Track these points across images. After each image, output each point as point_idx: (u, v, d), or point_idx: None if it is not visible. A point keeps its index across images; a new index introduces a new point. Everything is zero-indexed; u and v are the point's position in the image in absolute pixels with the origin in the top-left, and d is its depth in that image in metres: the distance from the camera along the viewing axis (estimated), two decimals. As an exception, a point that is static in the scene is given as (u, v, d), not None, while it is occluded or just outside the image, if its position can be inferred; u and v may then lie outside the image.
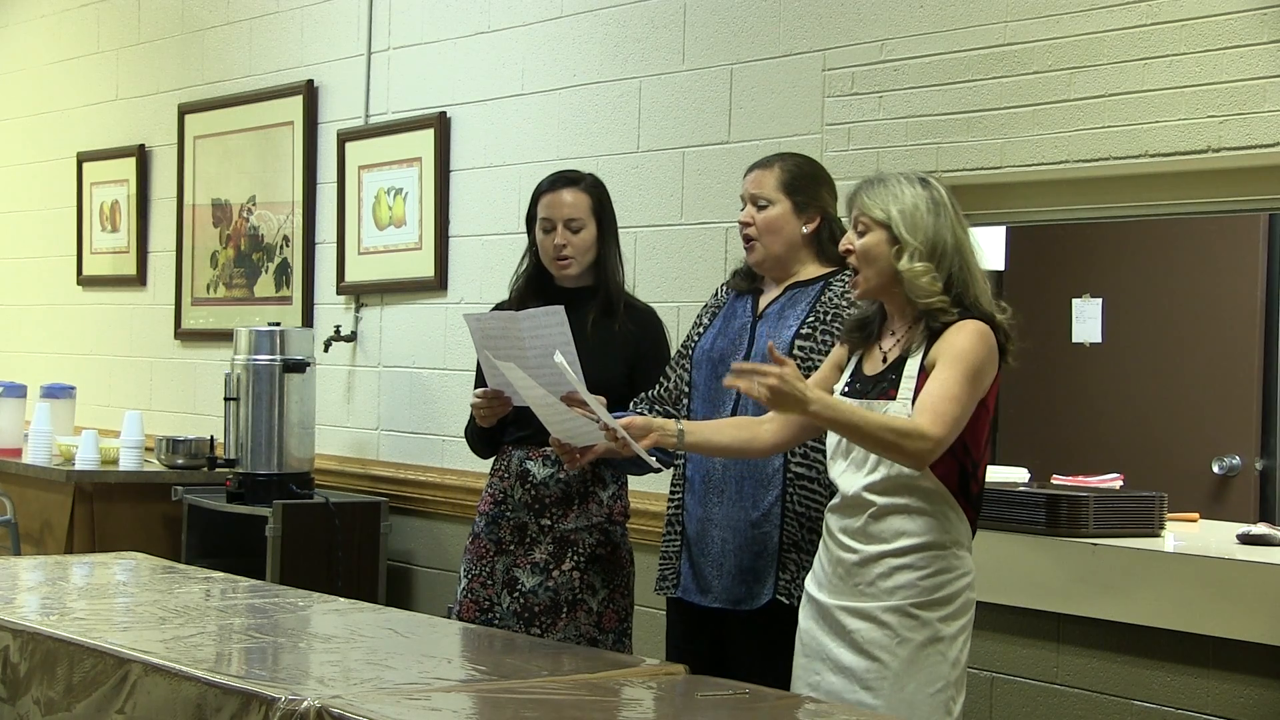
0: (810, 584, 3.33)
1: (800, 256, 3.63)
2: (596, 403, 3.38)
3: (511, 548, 4.06)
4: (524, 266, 4.17)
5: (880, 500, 3.18)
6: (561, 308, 3.72)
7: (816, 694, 3.22)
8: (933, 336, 3.18)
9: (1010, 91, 4.12)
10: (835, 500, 3.28)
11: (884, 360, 3.26)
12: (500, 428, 4.08)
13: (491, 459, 4.19)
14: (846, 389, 3.29)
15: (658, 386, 3.80)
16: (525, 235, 4.16)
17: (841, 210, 3.93)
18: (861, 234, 3.24)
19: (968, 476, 3.19)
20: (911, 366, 3.19)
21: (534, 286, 4.12)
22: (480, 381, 4.06)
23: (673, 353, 3.93)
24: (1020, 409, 5.40)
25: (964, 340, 3.14)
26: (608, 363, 3.90)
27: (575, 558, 4.00)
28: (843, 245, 3.28)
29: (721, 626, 3.60)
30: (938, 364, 3.14)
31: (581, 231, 4.05)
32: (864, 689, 3.17)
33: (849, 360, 3.34)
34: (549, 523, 4.02)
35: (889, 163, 4.31)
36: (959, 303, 3.18)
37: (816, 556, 3.34)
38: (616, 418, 3.43)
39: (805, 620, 3.31)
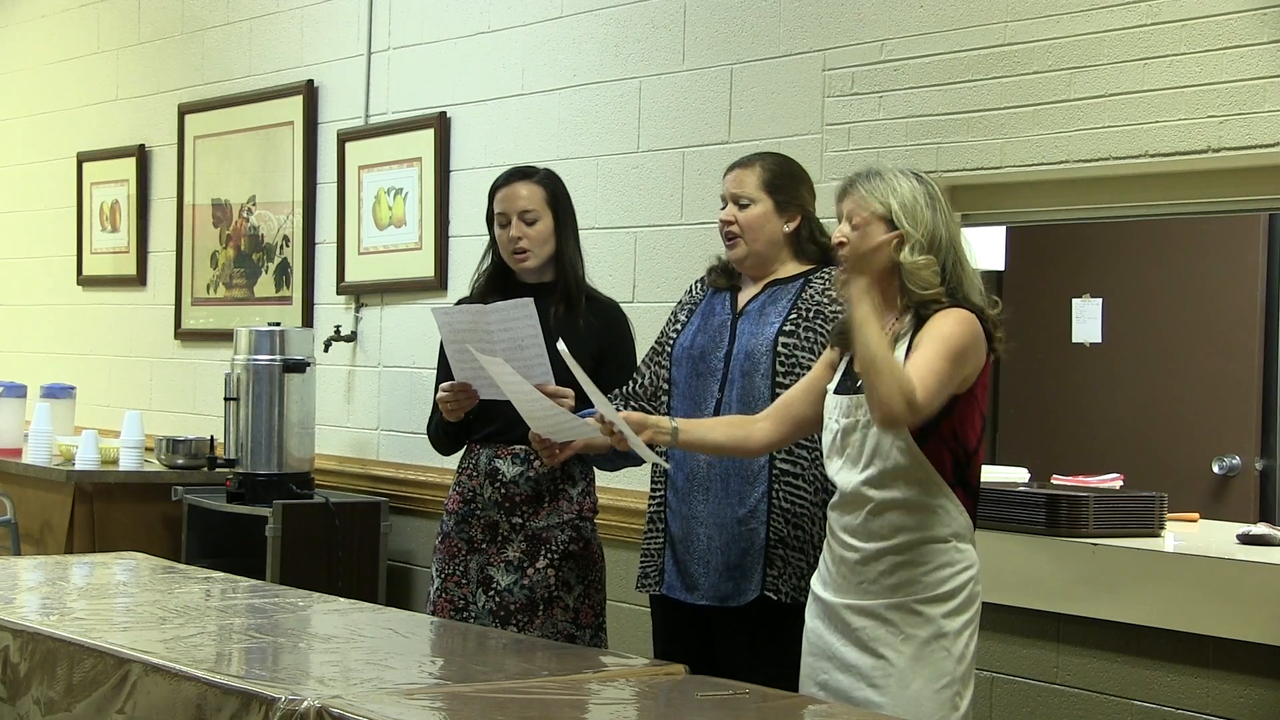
0: (816, 582, 3.33)
1: (780, 255, 3.65)
2: (599, 396, 3.38)
3: (483, 546, 4.07)
4: (485, 264, 4.20)
5: (877, 494, 3.18)
6: (530, 300, 3.76)
7: (825, 693, 3.22)
8: (919, 325, 3.19)
9: (1010, 91, 4.12)
10: (835, 498, 3.28)
11: None
12: (466, 425, 4.09)
13: (456, 456, 4.20)
14: (837, 386, 3.29)
15: (632, 383, 3.80)
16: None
17: (827, 204, 3.91)
18: (857, 227, 3.23)
19: (961, 466, 3.19)
20: (898, 354, 3.18)
21: (496, 284, 4.15)
22: (444, 376, 4.07)
23: (643, 347, 3.93)
24: (1020, 409, 5.40)
25: (947, 324, 3.15)
26: (574, 357, 3.90)
27: (549, 555, 4.01)
28: (836, 237, 3.27)
29: (708, 623, 3.60)
30: (920, 345, 3.14)
31: (537, 224, 4.08)
32: (870, 687, 3.17)
33: (841, 360, 3.34)
34: (520, 521, 4.03)
35: (889, 163, 4.31)
36: (952, 295, 3.19)
37: (822, 555, 3.34)
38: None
39: (811, 619, 3.31)
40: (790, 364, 3.51)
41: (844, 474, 3.24)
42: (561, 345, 3.41)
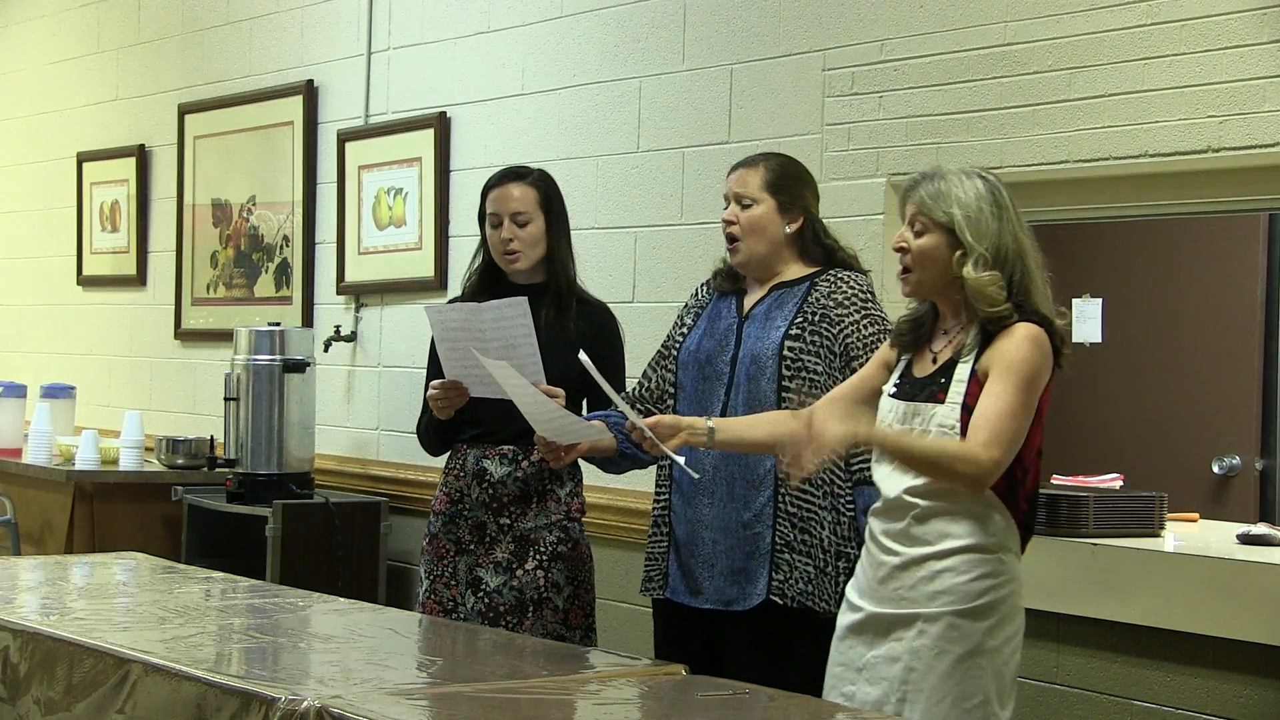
0: (851, 590, 3.24)
1: (783, 256, 3.63)
2: (622, 401, 3.37)
3: (472, 547, 4.07)
4: (476, 263, 4.21)
5: (922, 503, 3.10)
6: (524, 299, 3.77)
7: (851, 703, 3.14)
8: (986, 339, 3.10)
9: (1010, 91, 4.12)
10: (877, 504, 3.20)
11: (934, 362, 3.17)
12: (455, 425, 4.09)
13: (444, 457, 4.20)
14: (895, 390, 3.21)
15: (639, 386, 3.79)
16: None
17: (838, 206, 3.93)
18: (919, 234, 3.14)
19: (1015, 482, 3.10)
20: (962, 371, 3.10)
21: (486, 283, 4.15)
22: (435, 374, 4.07)
23: (640, 346, 3.93)
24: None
25: (1018, 349, 3.06)
26: (562, 359, 3.89)
27: (538, 556, 4.01)
28: (895, 242, 3.19)
29: (713, 628, 3.59)
30: (991, 375, 3.06)
31: (528, 225, 4.09)
32: (900, 700, 3.09)
33: (898, 361, 3.26)
34: (508, 521, 4.04)
35: (889, 163, 4.32)
36: (1019, 307, 3.10)
37: (859, 563, 3.26)
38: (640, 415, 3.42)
39: (843, 628, 3.23)
40: (796, 368, 3.49)
41: (891, 480, 3.15)
42: (584, 356, 3.39)
